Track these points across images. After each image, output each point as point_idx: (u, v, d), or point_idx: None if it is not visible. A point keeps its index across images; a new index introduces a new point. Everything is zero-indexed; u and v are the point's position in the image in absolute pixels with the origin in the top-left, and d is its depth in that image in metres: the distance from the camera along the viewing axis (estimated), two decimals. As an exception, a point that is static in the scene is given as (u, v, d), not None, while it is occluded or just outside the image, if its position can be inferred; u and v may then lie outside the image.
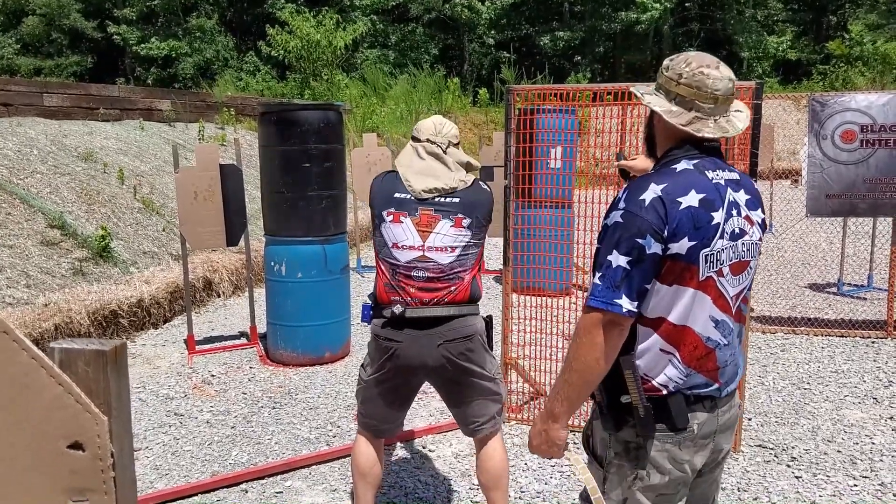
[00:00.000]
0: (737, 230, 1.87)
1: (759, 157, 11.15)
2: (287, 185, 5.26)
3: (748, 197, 1.94)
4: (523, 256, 5.13)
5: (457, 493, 3.62)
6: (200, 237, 5.56)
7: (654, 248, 1.77)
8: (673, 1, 24.20)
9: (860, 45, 22.31)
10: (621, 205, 1.82)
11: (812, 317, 6.72)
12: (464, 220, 2.77)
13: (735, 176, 1.93)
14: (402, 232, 2.76)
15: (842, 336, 6.12)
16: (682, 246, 1.78)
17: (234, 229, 5.66)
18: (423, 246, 2.74)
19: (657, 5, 23.93)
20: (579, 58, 26.65)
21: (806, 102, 6.56)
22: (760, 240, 1.95)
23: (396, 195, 2.81)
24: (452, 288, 2.74)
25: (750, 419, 4.47)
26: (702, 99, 1.86)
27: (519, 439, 4.18)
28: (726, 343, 1.89)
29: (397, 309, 2.71)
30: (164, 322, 6.54)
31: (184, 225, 5.51)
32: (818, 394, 4.89)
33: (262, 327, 5.97)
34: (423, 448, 4.10)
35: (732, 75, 1.91)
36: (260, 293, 6.80)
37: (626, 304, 1.77)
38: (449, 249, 2.74)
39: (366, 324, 2.89)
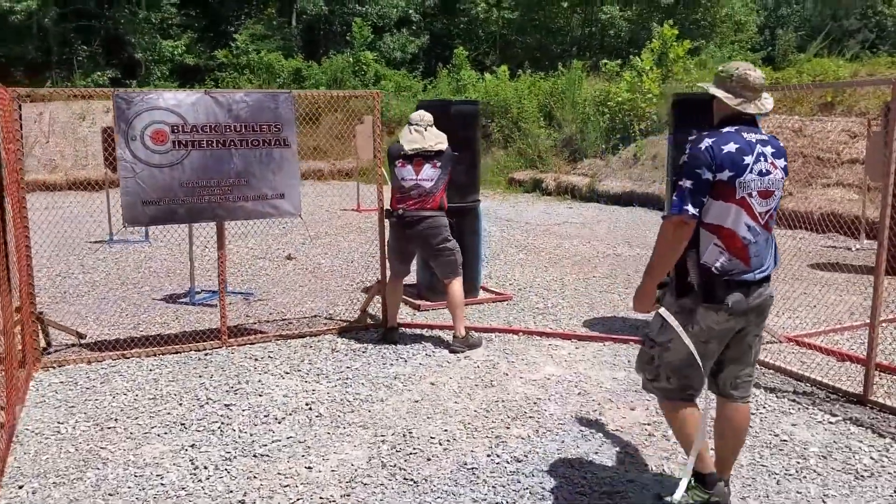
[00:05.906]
0: (763, 170, 3.05)
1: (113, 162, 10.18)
2: None
3: (773, 150, 3.11)
4: None
5: None
6: None
7: (707, 175, 3.00)
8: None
9: (246, 54, 23.51)
10: (688, 150, 3.06)
11: (154, 334, 6.18)
12: (437, 164, 5.68)
13: (764, 137, 3.11)
14: (406, 171, 5.68)
15: (177, 352, 5.68)
16: (724, 175, 3.00)
17: None
18: (416, 178, 5.65)
19: (33, -5, 21.51)
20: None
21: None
22: (782, 178, 3.11)
23: (401, 152, 5.70)
24: (430, 202, 5.65)
25: (35, 492, 3.57)
26: (746, 90, 3.10)
27: None
28: (754, 241, 3.06)
29: (399, 212, 5.65)
30: None
31: None
32: (122, 431, 4.25)
33: None
34: None
35: (762, 75, 3.15)
36: None
37: (690, 209, 3.00)
38: (430, 181, 5.65)
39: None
